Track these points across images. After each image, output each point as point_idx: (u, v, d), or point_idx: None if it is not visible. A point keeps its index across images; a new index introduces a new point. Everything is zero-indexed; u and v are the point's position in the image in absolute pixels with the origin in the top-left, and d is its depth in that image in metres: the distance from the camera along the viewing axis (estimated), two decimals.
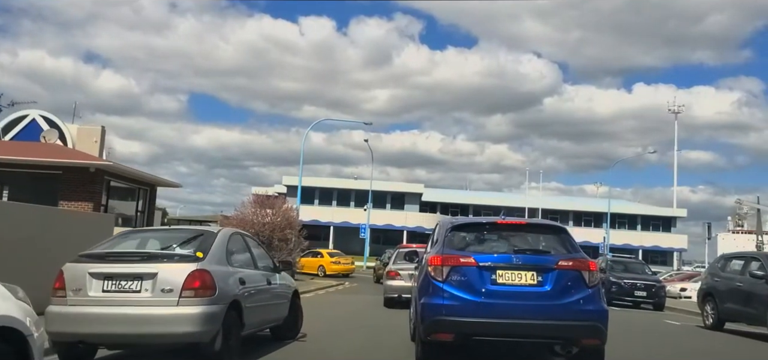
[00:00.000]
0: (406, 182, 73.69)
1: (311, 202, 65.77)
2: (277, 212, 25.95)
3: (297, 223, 27.61)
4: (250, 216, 25.39)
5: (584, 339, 6.17)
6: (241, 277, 6.60)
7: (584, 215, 71.51)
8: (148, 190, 23.79)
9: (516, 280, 6.14)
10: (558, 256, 6.32)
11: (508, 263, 6.22)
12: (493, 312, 6.02)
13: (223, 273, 6.25)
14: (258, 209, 25.86)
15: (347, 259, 33.48)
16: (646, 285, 21.25)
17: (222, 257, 6.40)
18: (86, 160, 19.96)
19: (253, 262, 7.35)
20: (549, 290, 6.10)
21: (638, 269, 23.14)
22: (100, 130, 24.37)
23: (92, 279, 5.82)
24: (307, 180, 68.65)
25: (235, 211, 26.30)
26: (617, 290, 21.37)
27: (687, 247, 72.21)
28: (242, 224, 25.21)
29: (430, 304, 6.24)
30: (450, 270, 6.21)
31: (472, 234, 6.73)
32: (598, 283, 6.42)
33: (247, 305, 6.56)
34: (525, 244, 6.56)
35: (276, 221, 25.64)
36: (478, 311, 6.03)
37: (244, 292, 6.54)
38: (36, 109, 26.85)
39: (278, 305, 7.86)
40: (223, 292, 6.08)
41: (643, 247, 64.94)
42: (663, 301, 21.33)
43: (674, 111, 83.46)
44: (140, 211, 23.68)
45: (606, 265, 23.01)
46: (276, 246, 25.16)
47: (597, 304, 6.20)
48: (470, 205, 70.80)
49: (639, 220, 70.51)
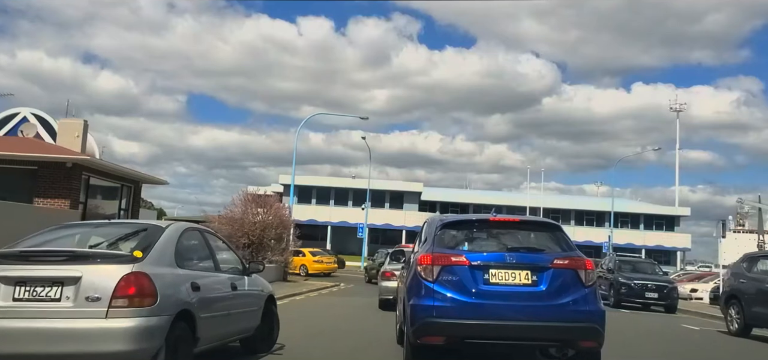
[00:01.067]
0: (405, 181, 72.51)
1: (308, 201, 64.68)
2: (268, 211, 24.77)
3: (290, 222, 26.44)
4: (241, 215, 24.23)
5: (581, 341, 5.92)
6: (196, 282, 5.42)
7: (586, 214, 70.54)
8: (132, 188, 22.60)
9: (510, 280, 5.88)
10: (553, 254, 6.06)
11: (501, 262, 5.96)
12: (486, 313, 5.76)
13: (169, 277, 5.08)
14: (249, 208, 24.71)
15: (330, 257, 32.76)
16: (658, 286, 20.06)
17: (168, 257, 5.23)
18: (63, 155, 18.78)
19: (214, 263, 6.16)
20: (544, 290, 5.84)
21: (648, 269, 21.94)
22: (83, 124, 23.12)
23: (0, 284, 4.64)
24: (305, 179, 67.55)
25: (225, 210, 25.09)
26: (627, 291, 20.19)
27: (690, 246, 71.21)
28: (232, 223, 24.11)
29: (420, 305, 5.93)
30: (441, 269, 5.93)
31: (463, 232, 6.44)
32: (595, 282, 6.14)
33: (202, 315, 5.38)
34: (518, 242, 6.31)
35: (268, 220, 24.48)
36: (470, 312, 5.76)
37: (198, 299, 5.36)
38: (27, 107, 26.14)
39: (247, 313, 6.67)
40: (168, 300, 4.90)
41: (646, 246, 63.76)
42: (675, 303, 20.14)
43: (676, 109, 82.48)
44: (124, 209, 22.49)
45: (614, 264, 21.83)
46: (267, 245, 24.06)
47: (594, 305, 5.92)
48: (470, 205, 69.70)
49: (642, 219, 69.39)
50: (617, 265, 21.77)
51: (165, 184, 25.54)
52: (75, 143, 21.90)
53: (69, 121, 24.13)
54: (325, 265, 30.71)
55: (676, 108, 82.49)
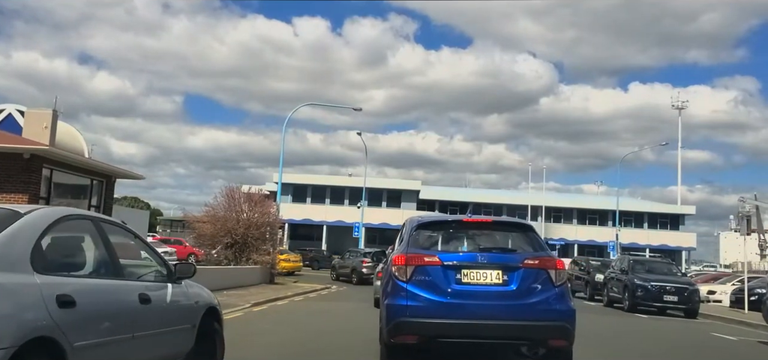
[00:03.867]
0: (403, 179, 70.73)
1: (303, 200, 62.88)
2: (254, 208, 22.97)
3: (277, 220, 24.64)
4: (222, 212, 22.44)
5: (551, 340, 5.96)
6: (67, 294, 3.60)
7: (588, 213, 68.81)
8: (103, 183, 20.79)
9: (481, 280, 5.93)
10: (524, 254, 6.11)
11: (473, 262, 6.01)
12: (458, 312, 5.82)
13: (15, 288, 3.29)
14: (233, 205, 22.91)
15: (296, 256, 32.99)
16: (677, 288, 18.25)
17: (17, 258, 3.43)
18: (20, 145, 16.98)
19: (113, 266, 4.34)
20: (514, 289, 5.91)
21: (665, 269, 20.14)
22: (52, 114, 21.25)
23: None
24: (300, 177, 65.72)
25: (206, 207, 23.29)
26: (643, 294, 18.38)
27: (696, 246, 69.42)
28: (214, 222, 22.32)
29: (394, 305, 5.98)
30: (414, 270, 5.96)
31: (438, 232, 6.45)
32: (566, 282, 6.19)
33: (78, 343, 3.58)
34: (491, 242, 6.36)
35: (253, 218, 22.68)
36: (442, 312, 5.82)
37: (71, 320, 3.56)
38: (12, 104, 24.50)
39: (170, 335, 4.86)
40: (10, 323, 3.11)
41: (650, 245, 61.84)
42: (697, 307, 18.30)
43: (678, 106, 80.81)
44: (95, 206, 20.68)
45: (628, 265, 20.02)
46: (252, 245, 22.27)
47: (564, 304, 5.96)
48: (470, 203, 67.90)
49: (646, 218, 67.62)
50: (631, 265, 19.96)
51: (141, 178, 23.71)
52: (43, 135, 20.04)
53: (36, 111, 22.23)
54: (292, 263, 29.91)
55: (678, 105, 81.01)
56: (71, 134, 21.44)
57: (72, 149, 20.47)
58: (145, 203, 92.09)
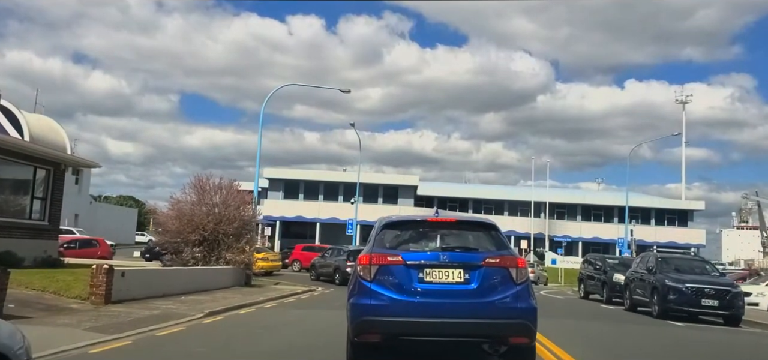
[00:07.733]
0: (400, 174, 68.03)
1: (295, 196, 60.24)
2: (225, 201, 20.21)
3: (253, 213, 21.91)
4: (190, 206, 19.70)
5: (512, 337, 5.97)
6: None
7: (593, 209, 66.28)
8: (50, 172, 18.05)
9: (443, 279, 5.95)
10: (485, 253, 6.12)
11: (435, 261, 6.01)
12: (420, 311, 5.84)
13: None
14: (202, 197, 20.18)
15: (275, 254, 32.37)
16: (717, 290, 15.50)
17: None
18: None
19: None
20: (476, 288, 5.92)
21: (698, 268, 17.39)
22: None
23: None
24: (292, 173, 63.05)
25: (172, 199, 20.52)
26: (677, 297, 15.64)
27: (705, 242, 66.83)
28: (180, 216, 19.60)
29: (358, 304, 5.99)
30: (378, 269, 5.99)
31: (405, 232, 6.45)
32: (527, 280, 6.15)
33: None
34: (454, 241, 6.33)
35: (224, 213, 19.93)
36: (405, 311, 5.83)
37: None
38: None
39: None
40: None
41: (658, 242, 59.18)
42: (740, 313, 15.59)
43: (681, 101, 78.33)
44: (41, 197, 17.95)
45: (656, 263, 17.27)
46: (223, 243, 19.54)
47: (525, 302, 5.96)
48: (469, 199, 65.37)
49: (653, 214, 65.01)
50: (659, 263, 17.21)
51: (97, 166, 20.94)
52: None
53: None
54: (270, 263, 28.13)
55: (682, 100, 78.60)
56: (52, 128, 18.81)
57: (52, 144, 17.88)
58: (135, 201, 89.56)
